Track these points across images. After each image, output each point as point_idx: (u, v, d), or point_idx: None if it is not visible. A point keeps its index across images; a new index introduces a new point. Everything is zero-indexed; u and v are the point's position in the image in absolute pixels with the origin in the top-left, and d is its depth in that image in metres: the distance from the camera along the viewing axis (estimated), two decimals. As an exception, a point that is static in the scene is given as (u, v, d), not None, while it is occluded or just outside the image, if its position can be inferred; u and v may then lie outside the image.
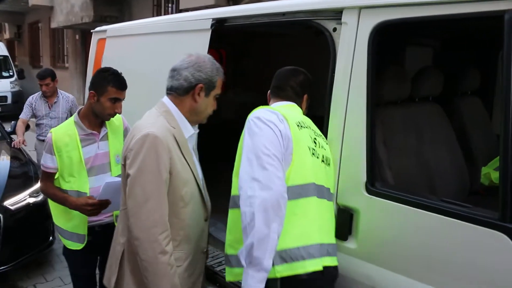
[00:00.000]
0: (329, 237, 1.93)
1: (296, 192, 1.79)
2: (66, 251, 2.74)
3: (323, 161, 1.96)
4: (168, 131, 1.92)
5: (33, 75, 15.13)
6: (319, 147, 1.97)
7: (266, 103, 2.22)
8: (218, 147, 5.26)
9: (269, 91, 2.26)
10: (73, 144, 2.54)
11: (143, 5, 10.26)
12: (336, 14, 2.16)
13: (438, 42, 3.33)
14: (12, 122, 5.51)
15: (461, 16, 1.75)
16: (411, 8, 1.87)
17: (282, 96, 2.17)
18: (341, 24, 2.13)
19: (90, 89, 2.53)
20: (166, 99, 2.02)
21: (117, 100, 2.53)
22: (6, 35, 19.74)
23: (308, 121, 2.06)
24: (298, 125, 1.90)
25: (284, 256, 1.76)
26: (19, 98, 13.61)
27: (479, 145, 3.07)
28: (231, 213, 1.95)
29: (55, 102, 5.13)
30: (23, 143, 5.02)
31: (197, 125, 2.14)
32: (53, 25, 13.78)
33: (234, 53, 6.12)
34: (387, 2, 1.95)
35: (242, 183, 1.71)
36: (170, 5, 9.73)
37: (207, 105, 2.03)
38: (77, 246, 2.63)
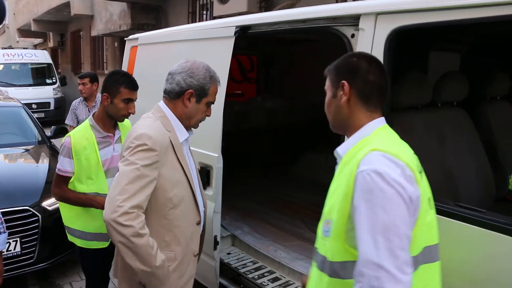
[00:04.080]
0: None
1: (415, 261, 1.40)
2: (85, 253, 2.81)
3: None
4: (163, 134, 1.98)
5: (74, 82, 15.72)
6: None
7: (295, 109, 2.05)
8: (245, 151, 5.33)
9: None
10: (91, 147, 2.64)
11: (179, 12, 10.50)
12: (354, 20, 2.18)
13: (463, 47, 3.27)
14: (53, 127, 5.69)
15: (479, 20, 1.73)
16: (427, 13, 1.87)
17: (371, 109, 1.59)
18: (358, 30, 2.15)
19: (102, 92, 2.65)
20: (162, 104, 2.10)
21: (130, 101, 2.63)
22: (50, 44, 20.53)
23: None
24: (420, 172, 1.49)
25: None
26: (61, 104, 14.21)
27: (508, 152, 2.99)
28: (329, 281, 1.51)
29: (94, 105, 5.17)
30: None
31: (192, 129, 2.19)
32: (93, 33, 14.28)
33: (265, 60, 6.18)
34: (402, 8, 1.96)
35: (365, 269, 1.32)
36: (204, 12, 9.92)
37: (197, 111, 2.07)
38: (102, 244, 2.73)
